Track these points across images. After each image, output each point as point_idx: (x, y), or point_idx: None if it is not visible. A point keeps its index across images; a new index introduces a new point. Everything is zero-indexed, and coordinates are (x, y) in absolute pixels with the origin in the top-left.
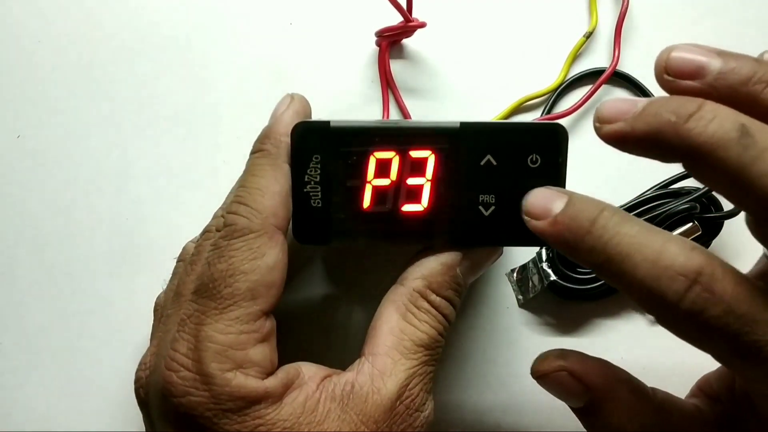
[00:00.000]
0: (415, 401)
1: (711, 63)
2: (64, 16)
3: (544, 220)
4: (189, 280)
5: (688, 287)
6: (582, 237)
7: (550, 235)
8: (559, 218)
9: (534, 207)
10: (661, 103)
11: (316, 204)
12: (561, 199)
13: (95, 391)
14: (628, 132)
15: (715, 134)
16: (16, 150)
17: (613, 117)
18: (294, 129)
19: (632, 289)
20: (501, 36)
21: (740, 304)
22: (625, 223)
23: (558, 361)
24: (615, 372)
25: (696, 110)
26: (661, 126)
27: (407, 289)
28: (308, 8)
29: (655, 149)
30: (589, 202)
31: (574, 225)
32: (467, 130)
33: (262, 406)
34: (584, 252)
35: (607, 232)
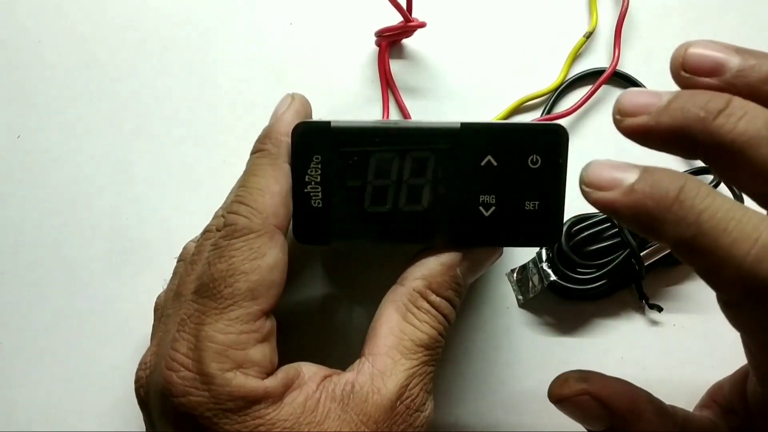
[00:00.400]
0: (415, 401)
1: (730, 60)
2: (64, 16)
3: (615, 190)
4: (189, 279)
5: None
6: (668, 207)
7: (624, 205)
8: (638, 187)
9: (600, 176)
10: (688, 97)
11: (316, 204)
12: (632, 170)
13: (95, 391)
14: (652, 126)
15: (746, 132)
16: (16, 150)
17: (636, 110)
18: (294, 129)
19: (725, 268)
20: (501, 36)
21: None
22: (716, 195)
23: (579, 384)
24: (637, 393)
25: (725, 106)
26: (688, 121)
27: (407, 289)
28: (308, 8)
29: (681, 145)
30: (670, 171)
31: (657, 194)
32: (468, 130)
33: (262, 406)
34: (670, 224)
35: (698, 202)
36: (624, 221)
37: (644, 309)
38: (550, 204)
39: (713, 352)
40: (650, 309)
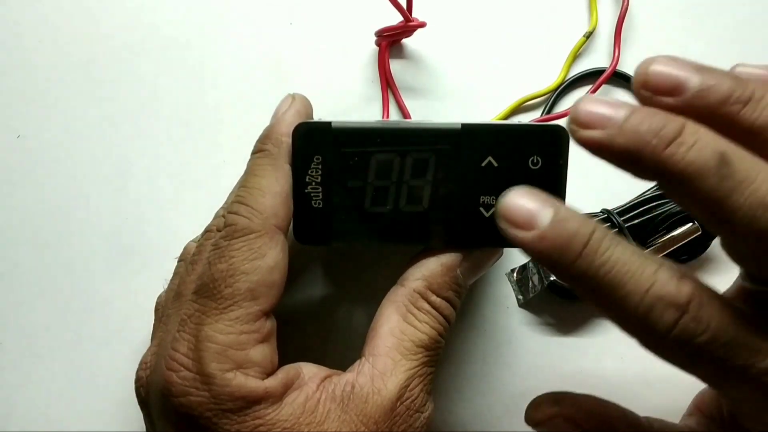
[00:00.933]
0: (415, 402)
1: (690, 80)
2: (64, 16)
3: (529, 232)
4: (190, 279)
5: (678, 317)
6: (573, 260)
7: (535, 251)
8: (548, 234)
9: (516, 214)
10: (643, 119)
11: (317, 204)
12: (546, 209)
13: (95, 391)
14: (606, 144)
15: (694, 162)
16: (16, 150)
17: (592, 122)
18: (295, 129)
19: (621, 318)
20: (501, 36)
21: (725, 330)
22: (616, 246)
23: (551, 407)
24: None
25: (677, 134)
26: (640, 146)
27: (407, 289)
28: (308, 8)
29: (631, 167)
30: (579, 220)
31: (564, 245)
32: (468, 131)
33: (262, 406)
34: (573, 276)
35: (599, 257)
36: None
37: None
38: None
39: None
40: None
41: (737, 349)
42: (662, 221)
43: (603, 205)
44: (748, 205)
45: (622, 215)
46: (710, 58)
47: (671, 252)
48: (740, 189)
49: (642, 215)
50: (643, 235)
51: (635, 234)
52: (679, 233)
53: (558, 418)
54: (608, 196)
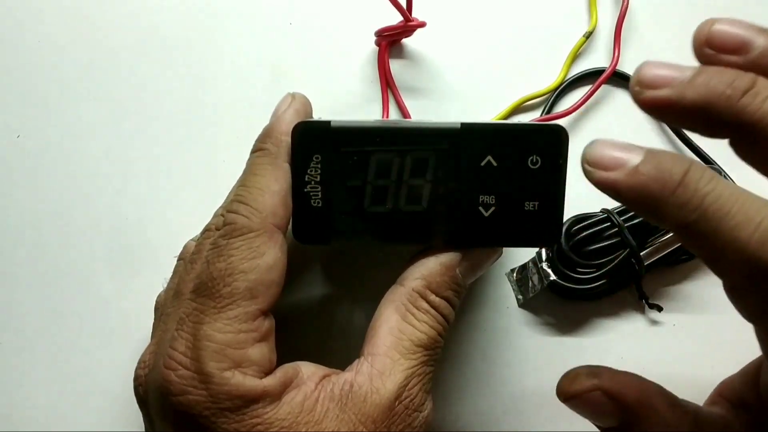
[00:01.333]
0: (414, 401)
1: (755, 39)
2: (64, 16)
3: (619, 171)
4: (188, 278)
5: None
6: (672, 190)
7: (627, 187)
8: (642, 168)
9: (602, 156)
10: (713, 74)
11: (316, 204)
12: (637, 151)
13: (95, 391)
14: (675, 101)
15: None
16: (16, 150)
17: (658, 82)
18: (294, 128)
19: (728, 252)
20: (501, 36)
21: None
22: (719, 180)
23: (590, 380)
24: (649, 386)
25: (751, 86)
26: (714, 98)
27: (406, 289)
28: (308, 8)
29: (704, 122)
30: (676, 154)
31: (661, 176)
32: (468, 130)
33: (260, 405)
34: (674, 207)
35: (702, 186)
36: (626, 203)
37: (644, 309)
38: (549, 204)
39: (713, 351)
40: (650, 309)
41: None
42: None
43: (603, 204)
44: None
45: (621, 215)
46: None
47: (671, 252)
48: None
49: None
50: (643, 235)
51: (635, 234)
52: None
53: (596, 391)
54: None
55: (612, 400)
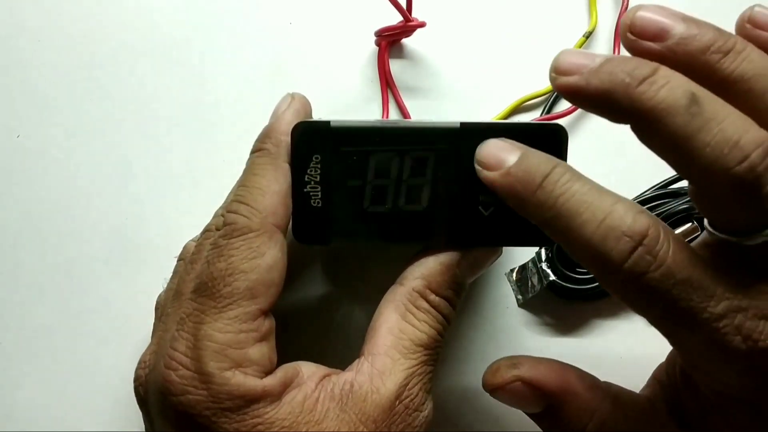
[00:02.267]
0: (414, 401)
1: (674, 27)
2: (64, 16)
3: (497, 171)
4: (189, 279)
5: (633, 249)
6: (533, 191)
7: (500, 186)
8: (512, 170)
9: (488, 157)
10: (618, 63)
11: (316, 204)
12: (515, 152)
13: (95, 391)
14: (582, 87)
15: (664, 100)
16: (16, 150)
17: (570, 69)
18: (294, 128)
19: (577, 247)
20: (501, 36)
21: (680, 269)
22: (576, 180)
23: (511, 371)
24: (568, 371)
25: (650, 74)
26: (614, 85)
27: (406, 288)
28: (308, 8)
29: (605, 108)
30: (543, 158)
31: (526, 178)
32: (467, 130)
33: (260, 405)
34: (533, 206)
35: (558, 188)
36: (503, 199)
37: None
38: None
39: None
40: None
41: (690, 291)
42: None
43: None
44: (714, 143)
45: None
46: None
47: None
48: (708, 127)
49: None
50: None
51: None
52: (678, 233)
53: (517, 382)
54: None
55: (533, 389)
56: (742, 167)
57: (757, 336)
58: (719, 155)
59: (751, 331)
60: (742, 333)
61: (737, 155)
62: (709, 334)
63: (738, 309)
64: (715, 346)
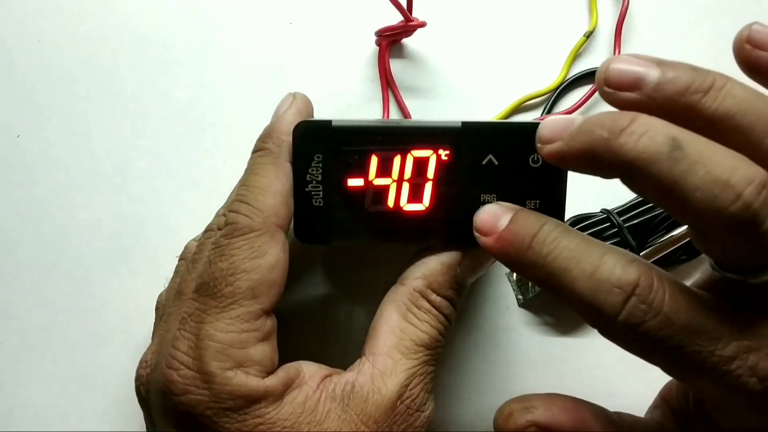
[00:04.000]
0: (415, 401)
1: (649, 74)
2: (64, 16)
3: (491, 236)
4: (190, 278)
5: (625, 300)
6: (524, 252)
7: (495, 250)
8: (503, 234)
9: (483, 223)
10: (595, 120)
11: (317, 203)
12: (507, 215)
13: (96, 390)
14: (565, 151)
15: (646, 149)
16: (16, 149)
17: (552, 137)
18: (296, 128)
19: (573, 302)
20: (501, 35)
21: (679, 315)
22: (564, 236)
23: (525, 416)
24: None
25: (628, 124)
26: (594, 143)
27: (408, 288)
28: (308, 8)
29: (591, 166)
30: (532, 218)
31: (516, 240)
32: (469, 129)
33: (262, 405)
34: (527, 267)
35: (546, 246)
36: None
37: None
38: (550, 203)
39: None
40: None
41: (694, 336)
42: (662, 221)
43: (603, 204)
44: (704, 185)
45: (621, 215)
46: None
47: (670, 252)
48: (695, 170)
49: (642, 215)
50: (642, 235)
51: (635, 234)
52: (678, 233)
53: (531, 427)
54: (608, 195)
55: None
56: (736, 206)
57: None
58: (711, 197)
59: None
60: (757, 374)
61: (729, 195)
62: (721, 377)
63: (749, 349)
64: (730, 388)
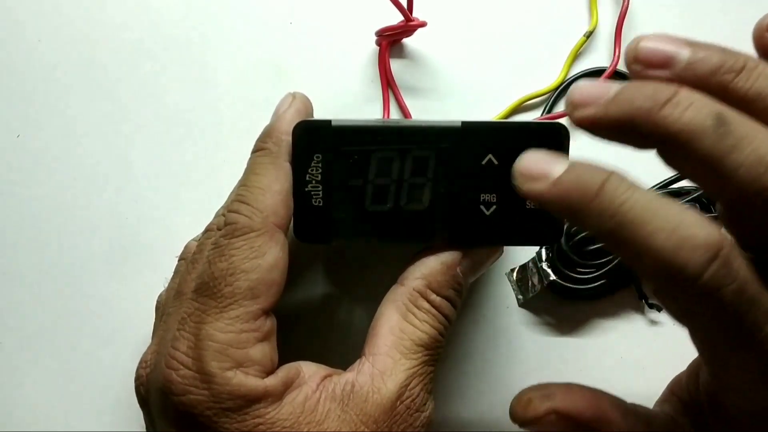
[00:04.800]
0: (415, 401)
1: (680, 53)
2: (64, 15)
3: (543, 182)
4: (190, 278)
5: (710, 260)
6: (590, 199)
7: (550, 197)
8: (564, 178)
9: (529, 168)
10: (636, 88)
11: (317, 203)
12: (561, 162)
13: (95, 391)
14: (601, 117)
15: (691, 122)
16: (16, 149)
17: (586, 101)
18: (295, 128)
19: (645, 258)
20: (501, 35)
21: (750, 284)
22: (636, 188)
23: (544, 403)
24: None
25: (671, 96)
26: (635, 112)
27: (407, 288)
28: (308, 7)
29: (629, 136)
30: (595, 166)
31: (581, 186)
32: (468, 129)
33: (261, 405)
34: (592, 216)
35: (619, 195)
36: (552, 212)
37: (644, 309)
38: None
39: None
40: (650, 309)
41: (756, 307)
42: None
43: None
44: (749, 163)
45: None
46: None
47: None
48: (741, 146)
49: None
50: None
51: None
52: None
53: (551, 415)
54: None
55: (568, 420)
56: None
57: None
58: (755, 175)
59: None
60: None
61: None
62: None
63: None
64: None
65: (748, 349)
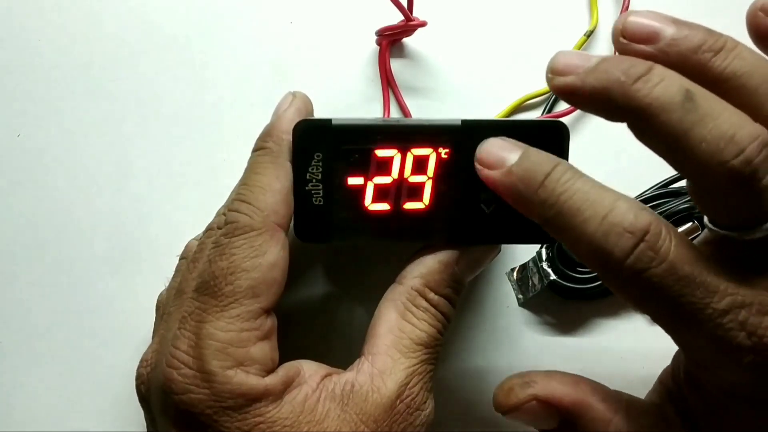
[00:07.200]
0: (415, 400)
1: (665, 29)
2: (64, 15)
3: (498, 170)
4: (191, 277)
5: (635, 245)
6: (535, 190)
7: (502, 185)
8: (514, 169)
9: (488, 156)
10: (613, 62)
11: (317, 202)
12: (516, 151)
13: (96, 390)
14: (578, 86)
15: (660, 97)
16: (16, 149)
17: (566, 70)
18: (296, 127)
19: (579, 245)
20: (502, 35)
21: (682, 265)
22: (578, 179)
23: (525, 390)
24: (582, 384)
25: (645, 72)
26: (610, 84)
27: (406, 287)
28: (309, 7)
29: (602, 106)
30: (544, 156)
31: (527, 177)
32: (468, 127)
33: (262, 404)
34: (536, 205)
35: (560, 186)
36: (506, 200)
37: None
38: None
39: None
40: None
41: (693, 287)
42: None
43: None
44: (711, 137)
45: None
46: None
47: None
48: (704, 122)
49: None
50: None
51: None
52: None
53: (532, 402)
54: None
55: (548, 406)
56: (738, 161)
57: (762, 331)
58: (715, 150)
59: (756, 327)
60: (746, 329)
61: (733, 149)
62: (712, 330)
63: (741, 305)
64: (720, 342)
65: (697, 327)
